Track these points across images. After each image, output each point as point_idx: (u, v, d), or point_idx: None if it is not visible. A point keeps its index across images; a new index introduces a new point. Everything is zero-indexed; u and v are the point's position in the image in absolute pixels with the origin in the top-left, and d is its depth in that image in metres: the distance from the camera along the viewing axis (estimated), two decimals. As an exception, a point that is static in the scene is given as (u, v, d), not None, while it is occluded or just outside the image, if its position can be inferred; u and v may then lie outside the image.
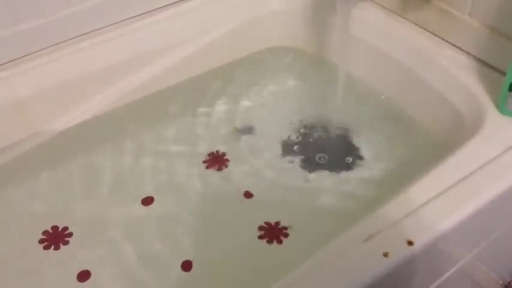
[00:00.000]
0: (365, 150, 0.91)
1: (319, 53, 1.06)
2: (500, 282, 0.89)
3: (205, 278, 0.75)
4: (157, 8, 0.98)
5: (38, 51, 0.90)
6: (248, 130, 0.97)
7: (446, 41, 0.86)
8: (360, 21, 0.93)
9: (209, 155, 0.93)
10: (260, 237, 0.79)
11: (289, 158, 0.92)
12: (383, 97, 0.95)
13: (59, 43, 0.91)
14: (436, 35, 0.88)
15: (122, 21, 0.96)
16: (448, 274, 0.68)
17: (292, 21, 1.07)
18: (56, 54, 0.89)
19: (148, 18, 0.97)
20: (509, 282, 0.89)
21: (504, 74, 0.72)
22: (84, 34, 0.93)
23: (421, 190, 0.63)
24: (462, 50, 0.84)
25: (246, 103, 1.02)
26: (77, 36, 0.92)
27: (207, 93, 1.03)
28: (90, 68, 0.91)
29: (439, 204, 0.61)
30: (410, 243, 0.56)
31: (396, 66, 0.90)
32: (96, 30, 0.94)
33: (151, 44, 0.96)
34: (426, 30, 0.89)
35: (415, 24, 0.91)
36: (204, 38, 1.01)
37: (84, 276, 0.76)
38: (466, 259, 0.71)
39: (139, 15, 0.97)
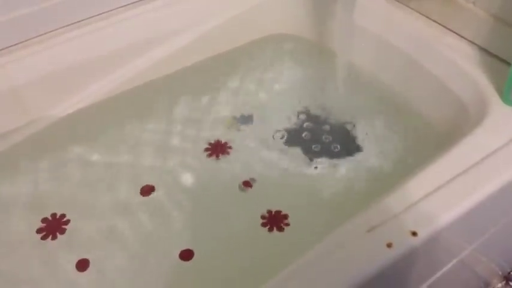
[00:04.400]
0: (366, 140, 0.90)
1: (320, 41, 1.05)
2: (500, 273, 0.89)
3: (206, 266, 0.75)
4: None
5: (34, 37, 0.88)
6: (248, 118, 0.96)
7: (450, 30, 0.85)
8: (362, 9, 0.92)
9: (210, 143, 0.92)
10: (262, 225, 0.79)
11: (289, 146, 0.91)
12: (384, 84, 0.94)
13: (56, 29, 0.90)
14: (440, 24, 0.87)
15: (120, 7, 0.94)
16: (449, 265, 0.68)
17: (294, 9, 1.05)
18: (53, 41, 0.88)
19: (147, 4, 0.95)
20: (509, 273, 0.90)
21: (509, 64, 0.72)
22: (82, 20, 0.91)
23: (424, 181, 0.62)
24: (466, 39, 0.83)
25: (246, 91, 1.01)
26: (75, 23, 0.91)
27: (207, 81, 1.02)
28: (88, 55, 0.90)
29: (442, 195, 0.60)
30: (414, 234, 0.56)
31: (399, 55, 0.89)
32: (94, 16, 0.92)
33: (151, 31, 0.95)
34: (430, 18, 0.88)
35: (418, 12, 0.90)
36: (204, 26, 1.00)
37: (83, 265, 0.76)
38: (468, 250, 0.71)
39: (138, 1, 0.95)
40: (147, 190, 0.85)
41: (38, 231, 0.80)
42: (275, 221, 0.79)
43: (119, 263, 0.76)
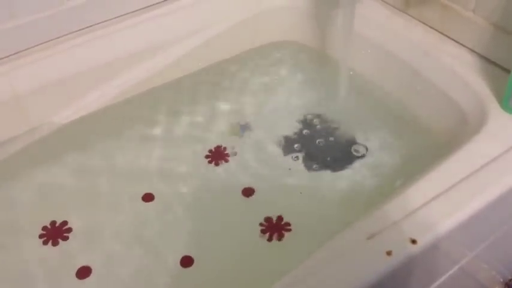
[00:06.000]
0: (366, 148, 0.91)
1: (322, 48, 1.05)
2: (501, 280, 0.89)
3: (206, 273, 0.75)
4: (157, 3, 0.97)
5: (37, 45, 0.89)
6: (250, 125, 0.97)
7: (450, 38, 0.86)
8: (362, 18, 0.92)
9: (211, 150, 0.92)
10: (262, 232, 0.79)
11: (290, 154, 0.91)
12: (384, 92, 0.94)
13: (59, 37, 0.90)
14: (440, 32, 0.87)
15: (126, 14, 0.95)
16: (450, 272, 0.68)
17: (295, 17, 1.06)
18: (56, 49, 0.89)
19: (148, 13, 0.96)
20: (510, 280, 0.90)
21: (508, 71, 0.72)
22: (85, 28, 0.92)
23: (424, 188, 0.62)
24: (466, 47, 0.84)
25: (248, 98, 1.01)
26: (77, 31, 0.92)
27: (208, 88, 1.02)
28: (91, 62, 0.91)
29: (442, 202, 0.61)
30: (413, 241, 0.56)
31: (399, 63, 0.90)
32: (98, 23, 0.93)
33: (153, 39, 0.95)
34: (429, 26, 0.89)
35: (418, 20, 0.90)
36: (206, 33, 1.00)
37: (84, 272, 0.76)
38: (468, 257, 0.71)
39: (141, 9, 0.96)
40: (147, 197, 0.85)
41: (39, 237, 0.80)
42: (275, 228, 0.79)
43: (120, 269, 0.76)
